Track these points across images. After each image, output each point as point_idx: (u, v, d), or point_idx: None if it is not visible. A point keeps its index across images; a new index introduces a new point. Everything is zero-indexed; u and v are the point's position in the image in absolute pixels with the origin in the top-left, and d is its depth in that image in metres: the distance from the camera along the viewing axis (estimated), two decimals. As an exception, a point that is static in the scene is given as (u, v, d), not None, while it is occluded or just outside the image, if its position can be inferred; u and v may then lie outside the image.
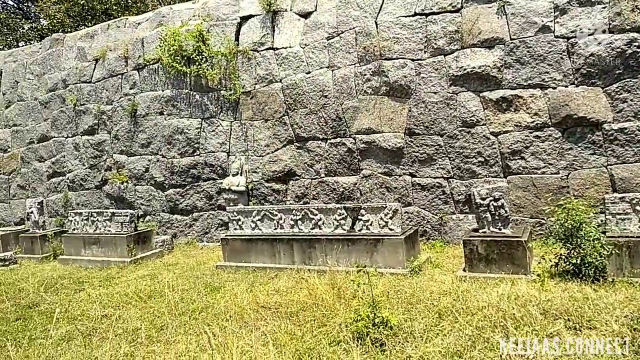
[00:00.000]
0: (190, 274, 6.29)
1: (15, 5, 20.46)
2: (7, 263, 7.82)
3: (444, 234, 6.77)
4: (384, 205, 5.58)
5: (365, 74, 7.16)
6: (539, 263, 4.84)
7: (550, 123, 6.08)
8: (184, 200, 8.75)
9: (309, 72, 7.63)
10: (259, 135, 8.13)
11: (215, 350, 3.51)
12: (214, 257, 7.33)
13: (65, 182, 10.10)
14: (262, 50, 8.00)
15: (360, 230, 5.74)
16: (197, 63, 8.29)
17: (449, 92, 6.61)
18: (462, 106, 6.54)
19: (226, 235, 6.46)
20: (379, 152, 7.16)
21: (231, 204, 7.96)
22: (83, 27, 15.10)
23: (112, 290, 5.79)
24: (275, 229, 6.24)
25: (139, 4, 16.49)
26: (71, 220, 7.91)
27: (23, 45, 16.92)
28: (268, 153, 8.08)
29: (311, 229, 6.03)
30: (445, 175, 6.73)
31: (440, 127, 6.68)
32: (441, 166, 6.74)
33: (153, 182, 9.00)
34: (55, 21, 16.91)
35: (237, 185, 7.96)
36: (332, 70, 7.44)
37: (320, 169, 7.66)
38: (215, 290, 5.46)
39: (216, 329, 3.99)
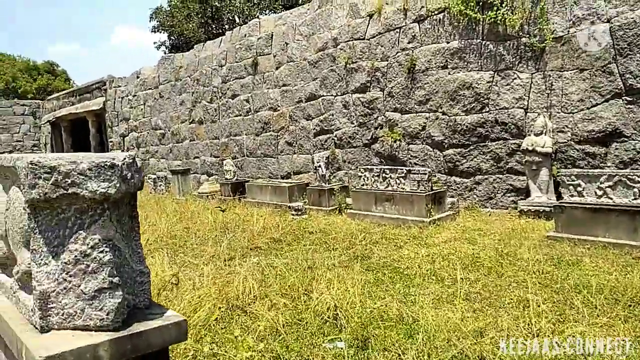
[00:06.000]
0: (517, 243, 5.59)
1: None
2: (299, 213, 8.26)
3: None
4: None
5: None
6: None
7: None
8: (466, 161, 8.11)
9: (657, 6, 6.09)
10: (570, 88, 6.93)
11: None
12: (521, 224, 6.54)
13: (332, 139, 10.38)
14: (586, -15, 6.68)
15: None
16: (494, 8, 7.37)
17: None
18: None
19: (562, 203, 5.56)
20: None
21: (533, 167, 7.02)
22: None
23: (437, 250, 5.41)
24: (635, 198, 5.10)
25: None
26: (360, 176, 7.94)
27: (280, 10, 18.22)
28: (582, 109, 6.84)
29: (695, 201, 4.74)
30: None
31: None
32: None
33: (430, 141, 8.55)
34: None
35: (543, 146, 6.94)
36: (697, 1, 5.78)
37: (661, 128, 6.17)
38: (573, 264, 4.66)
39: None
